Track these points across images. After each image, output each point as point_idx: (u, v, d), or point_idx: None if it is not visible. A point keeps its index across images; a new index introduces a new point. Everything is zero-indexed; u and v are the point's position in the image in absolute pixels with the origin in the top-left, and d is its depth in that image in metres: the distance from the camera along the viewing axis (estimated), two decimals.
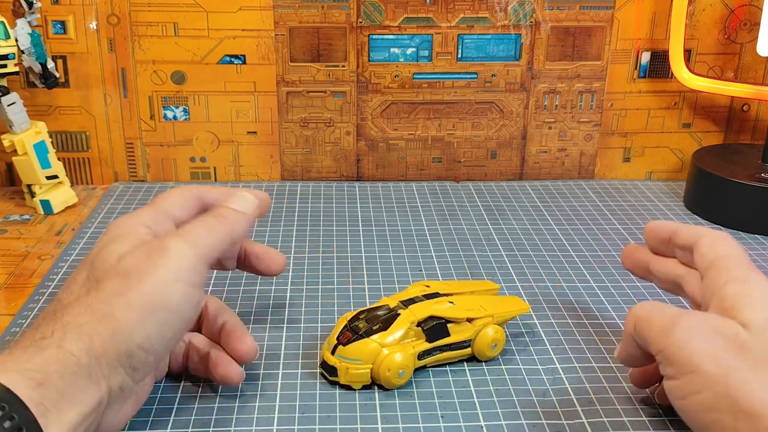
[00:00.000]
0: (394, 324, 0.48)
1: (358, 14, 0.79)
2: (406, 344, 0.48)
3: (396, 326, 0.48)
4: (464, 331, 0.50)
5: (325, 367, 0.49)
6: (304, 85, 0.81)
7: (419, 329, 0.49)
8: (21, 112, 0.73)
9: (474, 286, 0.56)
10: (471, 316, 0.50)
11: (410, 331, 0.48)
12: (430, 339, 0.49)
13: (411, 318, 0.49)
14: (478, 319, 0.50)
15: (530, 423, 0.45)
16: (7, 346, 0.40)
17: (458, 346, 0.50)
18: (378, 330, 0.48)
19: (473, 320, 0.50)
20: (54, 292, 0.59)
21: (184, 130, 0.82)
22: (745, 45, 0.83)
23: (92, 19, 0.77)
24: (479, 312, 0.51)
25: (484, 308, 0.51)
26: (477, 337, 0.50)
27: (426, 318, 0.49)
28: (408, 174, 0.86)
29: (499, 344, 0.51)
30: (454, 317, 0.50)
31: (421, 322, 0.49)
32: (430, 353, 0.49)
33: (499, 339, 0.51)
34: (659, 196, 0.82)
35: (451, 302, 0.51)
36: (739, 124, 0.86)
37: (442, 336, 0.49)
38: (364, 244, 0.69)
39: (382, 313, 0.50)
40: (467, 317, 0.50)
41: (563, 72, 0.82)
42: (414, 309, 0.49)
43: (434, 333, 0.49)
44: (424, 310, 0.49)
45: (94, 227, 0.71)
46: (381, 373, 0.47)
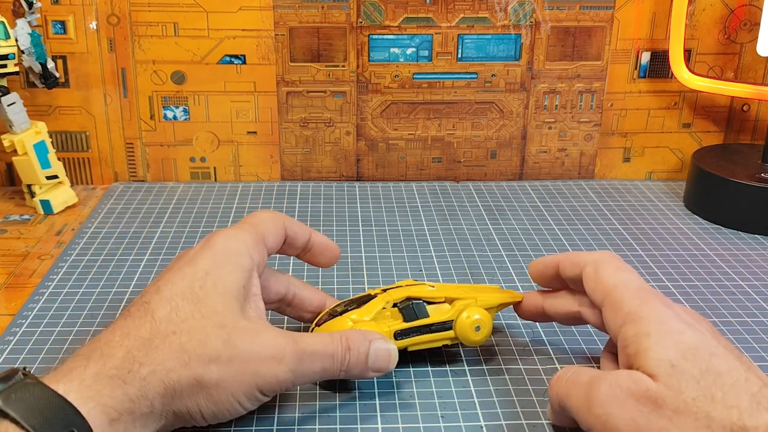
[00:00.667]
0: (368, 303, 0.48)
1: (358, 14, 0.79)
2: (381, 323, 0.48)
3: (370, 306, 0.48)
4: (444, 312, 0.49)
5: None
6: (304, 85, 0.81)
7: (396, 310, 0.48)
8: (21, 112, 0.73)
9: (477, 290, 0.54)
10: (452, 296, 0.49)
11: (386, 312, 0.48)
12: (406, 318, 0.48)
13: (386, 298, 0.48)
14: (459, 300, 0.49)
15: (530, 423, 0.45)
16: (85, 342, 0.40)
17: (439, 327, 0.49)
18: (352, 309, 0.48)
19: (453, 301, 0.49)
20: (54, 292, 0.59)
21: (184, 130, 0.82)
22: (745, 45, 0.83)
23: (92, 19, 0.77)
24: (461, 293, 0.49)
25: (467, 292, 0.50)
26: (458, 318, 0.48)
27: (403, 299, 0.49)
28: (408, 174, 0.86)
29: (484, 327, 0.49)
30: (432, 297, 0.49)
31: (397, 303, 0.49)
32: (408, 334, 0.48)
33: (483, 322, 0.48)
34: (659, 196, 0.82)
35: (432, 287, 0.50)
36: (739, 124, 0.86)
37: (419, 316, 0.48)
38: (364, 244, 0.69)
39: (360, 298, 0.50)
40: (446, 297, 0.49)
41: (563, 72, 0.82)
42: (391, 292, 0.49)
43: (411, 313, 0.48)
44: (401, 292, 0.49)
45: (94, 227, 0.71)
46: None
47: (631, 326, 0.40)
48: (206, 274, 0.41)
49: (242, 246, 0.44)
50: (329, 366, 0.43)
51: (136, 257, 0.66)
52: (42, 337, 0.53)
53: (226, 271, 0.42)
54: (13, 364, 0.50)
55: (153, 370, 0.38)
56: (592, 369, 0.42)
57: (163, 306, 0.40)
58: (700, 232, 0.73)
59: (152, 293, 0.41)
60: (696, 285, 0.62)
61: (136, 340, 0.38)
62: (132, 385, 0.37)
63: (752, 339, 0.55)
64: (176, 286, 0.41)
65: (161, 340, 0.38)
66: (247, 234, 0.45)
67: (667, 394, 0.36)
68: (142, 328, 0.39)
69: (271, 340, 0.41)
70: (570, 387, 0.41)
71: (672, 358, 0.37)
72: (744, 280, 0.63)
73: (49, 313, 0.56)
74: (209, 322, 0.40)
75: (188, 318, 0.40)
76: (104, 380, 0.36)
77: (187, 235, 0.70)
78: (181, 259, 0.44)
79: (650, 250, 0.69)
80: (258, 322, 0.42)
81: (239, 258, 0.43)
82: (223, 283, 0.41)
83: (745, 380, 0.36)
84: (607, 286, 0.43)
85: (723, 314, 0.58)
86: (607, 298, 0.43)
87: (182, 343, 0.39)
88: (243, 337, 0.40)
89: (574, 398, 0.40)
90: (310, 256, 0.51)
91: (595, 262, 0.45)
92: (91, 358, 0.38)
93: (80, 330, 0.54)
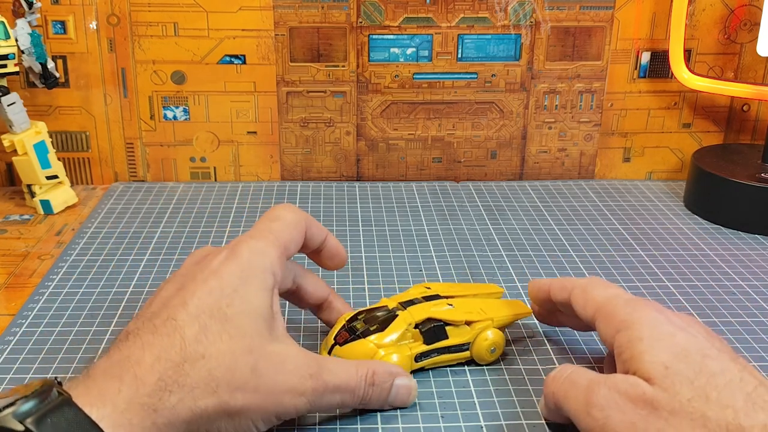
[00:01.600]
0: (391, 325, 0.48)
1: (358, 14, 0.79)
2: (402, 345, 0.48)
3: (393, 327, 0.48)
4: (463, 334, 0.50)
5: None
6: (304, 85, 0.81)
7: (417, 331, 0.49)
8: (21, 112, 0.73)
9: (477, 288, 0.56)
10: (470, 319, 0.50)
11: (407, 332, 0.48)
12: (427, 341, 0.49)
13: (408, 320, 0.48)
14: (477, 323, 0.50)
15: (530, 423, 0.45)
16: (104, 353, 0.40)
17: (456, 349, 0.50)
18: (375, 331, 0.48)
19: (472, 323, 0.50)
20: (54, 292, 0.59)
21: (184, 130, 0.82)
22: (745, 45, 0.83)
23: (92, 19, 0.77)
24: (478, 315, 0.50)
25: (484, 311, 0.51)
26: (476, 341, 0.50)
27: (424, 320, 0.49)
28: (408, 174, 0.86)
29: (499, 348, 0.50)
30: (453, 320, 0.49)
31: (418, 324, 0.49)
32: (428, 355, 0.49)
33: (498, 342, 0.50)
34: (659, 196, 0.82)
35: (450, 305, 0.50)
36: (739, 124, 0.86)
37: (439, 338, 0.49)
38: (364, 244, 0.69)
39: (380, 314, 0.49)
40: (466, 320, 0.50)
41: (563, 72, 0.82)
42: (412, 311, 0.49)
43: (432, 335, 0.49)
44: (422, 312, 0.49)
45: (94, 227, 0.71)
46: None
47: (625, 333, 0.41)
48: (234, 291, 0.41)
49: (267, 262, 0.43)
50: (349, 399, 0.43)
51: (136, 257, 0.66)
52: (42, 337, 0.53)
53: (253, 289, 0.41)
54: (13, 365, 0.50)
55: (182, 398, 0.37)
56: (588, 370, 0.42)
57: (191, 324, 0.39)
58: (700, 232, 0.73)
59: (178, 306, 0.40)
60: (696, 285, 0.62)
61: (167, 362, 0.38)
62: (161, 415, 0.36)
63: (752, 339, 0.55)
64: (203, 302, 0.40)
65: (191, 366, 0.38)
66: (273, 248, 0.44)
67: (662, 396, 0.37)
68: (172, 350, 0.38)
69: (296, 371, 0.41)
70: (567, 388, 0.41)
71: (665, 360, 0.38)
72: (744, 280, 0.63)
73: (49, 313, 0.56)
74: (238, 346, 0.39)
75: (216, 340, 0.39)
76: (136, 408, 0.36)
77: (187, 235, 0.70)
78: (205, 268, 0.43)
79: (650, 250, 0.69)
80: (284, 342, 0.42)
81: (265, 275, 0.42)
82: (251, 302, 0.41)
83: (740, 380, 0.37)
84: (597, 301, 0.44)
85: (723, 314, 0.58)
86: (598, 312, 0.44)
87: (211, 370, 0.38)
88: (269, 365, 0.40)
89: (572, 400, 0.41)
90: (318, 258, 0.51)
91: (583, 284, 0.46)
92: (124, 380, 0.37)
93: (80, 330, 0.54)
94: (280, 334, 0.43)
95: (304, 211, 0.48)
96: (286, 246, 0.45)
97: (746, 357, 0.52)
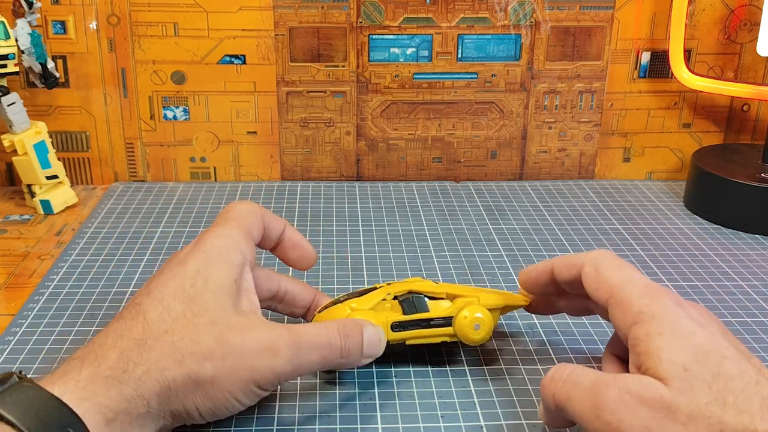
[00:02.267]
0: (369, 294, 0.49)
1: (358, 14, 0.79)
2: (379, 312, 0.48)
3: (371, 296, 0.49)
4: (445, 309, 0.49)
5: None
6: (304, 85, 0.81)
7: (396, 302, 0.49)
8: (21, 112, 0.73)
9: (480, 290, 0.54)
10: (454, 293, 0.49)
11: (386, 303, 0.49)
12: (405, 311, 0.48)
13: (388, 290, 0.49)
14: (461, 297, 0.49)
15: (530, 423, 0.45)
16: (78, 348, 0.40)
17: (438, 323, 0.48)
18: (353, 298, 0.49)
19: (455, 298, 0.49)
20: (54, 292, 0.59)
21: (184, 130, 0.82)
22: (745, 45, 0.83)
23: (92, 19, 0.77)
24: (464, 292, 0.49)
25: (471, 291, 0.50)
26: (458, 316, 0.48)
27: (405, 292, 0.49)
28: (408, 174, 0.86)
29: (483, 326, 0.48)
30: (434, 292, 0.49)
31: (398, 296, 0.49)
32: (405, 327, 0.48)
33: (483, 321, 0.48)
34: (659, 196, 0.82)
35: (436, 282, 0.51)
36: (739, 124, 0.86)
37: (419, 310, 0.48)
38: (364, 244, 0.69)
39: (363, 289, 0.50)
40: (447, 292, 0.49)
41: (563, 72, 0.82)
42: (394, 285, 0.50)
43: (411, 305, 0.48)
44: (403, 285, 0.49)
45: (94, 227, 0.71)
46: None
47: (643, 326, 0.39)
48: (197, 272, 0.42)
49: (231, 242, 0.44)
50: (328, 354, 0.43)
51: (136, 257, 0.66)
52: (42, 337, 0.53)
53: (216, 267, 0.42)
54: (13, 364, 0.50)
55: (147, 369, 0.38)
56: (590, 369, 0.40)
57: (155, 307, 0.40)
58: (700, 232, 0.73)
59: (143, 295, 0.41)
60: (696, 285, 0.62)
61: (129, 340, 0.39)
62: (127, 385, 0.37)
63: (752, 339, 0.55)
64: (167, 287, 0.41)
65: (154, 340, 0.39)
66: (235, 230, 0.45)
67: (680, 399, 0.36)
68: (134, 329, 0.39)
69: (264, 334, 0.41)
70: (570, 389, 0.40)
71: (685, 361, 0.37)
72: (744, 280, 0.63)
73: (49, 313, 0.56)
74: (201, 320, 0.40)
75: (180, 317, 0.40)
76: (99, 381, 0.37)
77: (187, 235, 0.70)
78: (172, 261, 0.44)
79: (650, 250, 0.69)
80: (251, 317, 0.42)
81: (229, 254, 0.43)
82: (214, 280, 0.41)
83: (756, 383, 0.36)
84: (611, 284, 0.42)
85: (723, 314, 0.58)
86: (613, 296, 0.42)
87: (174, 342, 0.39)
88: (235, 333, 0.40)
89: (576, 402, 0.39)
90: (281, 251, 0.51)
91: (594, 261, 0.44)
92: (86, 360, 0.38)
93: (80, 330, 0.54)
94: (246, 309, 0.43)
95: (258, 204, 0.49)
96: (248, 230, 0.46)
97: None
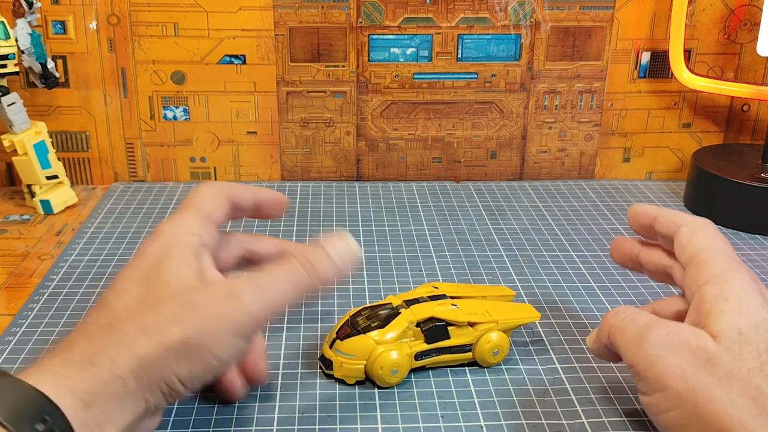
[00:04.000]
0: (392, 322, 0.48)
1: (358, 14, 0.79)
2: (402, 343, 0.48)
3: (394, 325, 0.48)
4: (465, 335, 0.50)
5: (322, 360, 0.49)
6: (304, 85, 0.81)
7: (418, 330, 0.49)
8: (21, 112, 0.73)
9: (487, 290, 0.55)
10: (473, 320, 0.50)
11: (409, 330, 0.48)
12: (428, 340, 0.49)
13: (410, 318, 0.48)
14: (481, 324, 0.50)
15: (530, 423, 0.45)
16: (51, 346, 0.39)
17: (458, 350, 0.50)
18: (376, 327, 0.48)
19: (475, 325, 0.50)
20: (54, 292, 0.59)
21: (184, 130, 0.82)
22: (745, 45, 0.83)
23: (92, 19, 0.77)
24: (482, 317, 0.50)
25: (489, 314, 0.50)
26: (478, 342, 0.50)
27: (426, 319, 0.49)
28: (408, 174, 0.86)
29: (502, 351, 0.50)
30: (455, 320, 0.49)
31: (420, 323, 0.49)
32: (428, 355, 0.49)
33: (501, 345, 0.50)
34: (659, 196, 0.82)
35: (455, 305, 0.50)
36: (739, 124, 0.86)
37: (441, 338, 0.49)
38: (364, 244, 0.69)
39: (383, 312, 0.49)
40: (468, 321, 0.50)
41: (563, 72, 0.82)
42: (415, 309, 0.49)
43: (433, 334, 0.49)
44: (425, 310, 0.49)
45: (94, 227, 0.71)
46: (374, 369, 0.47)
47: (714, 286, 0.41)
48: (156, 260, 0.42)
49: (188, 228, 0.44)
50: (293, 278, 0.42)
51: None
52: (42, 337, 0.53)
53: (174, 251, 0.42)
54: (13, 365, 0.50)
55: (118, 348, 0.37)
56: (652, 315, 0.42)
57: (117, 296, 0.40)
58: None
59: (108, 290, 0.42)
60: None
61: (95, 326, 0.39)
62: (101, 366, 0.37)
63: None
64: (128, 276, 0.41)
65: (120, 322, 0.39)
66: (192, 216, 0.44)
67: (724, 357, 0.37)
68: (100, 318, 0.39)
69: (223, 284, 0.41)
70: (627, 323, 0.42)
71: (742, 327, 0.38)
72: None
73: (49, 313, 0.56)
74: (162, 294, 0.40)
75: (143, 298, 0.40)
76: (72, 365, 0.36)
77: None
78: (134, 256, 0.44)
79: None
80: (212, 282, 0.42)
81: (186, 237, 0.43)
82: (173, 262, 0.41)
83: None
84: (699, 247, 0.43)
85: None
86: (695, 257, 0.43)
87: (140, 318, 0.39)
88: (196, 293, 0.40)
89: (627, 333, 0.41)
90: (260, 214, 0.50)
91: (693, 224, 0.45)
92: (56, 351, 0.38)
93: None
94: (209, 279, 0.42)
95: (226, 182, 0.48)
96: (207, 213, 0.45)
97: None
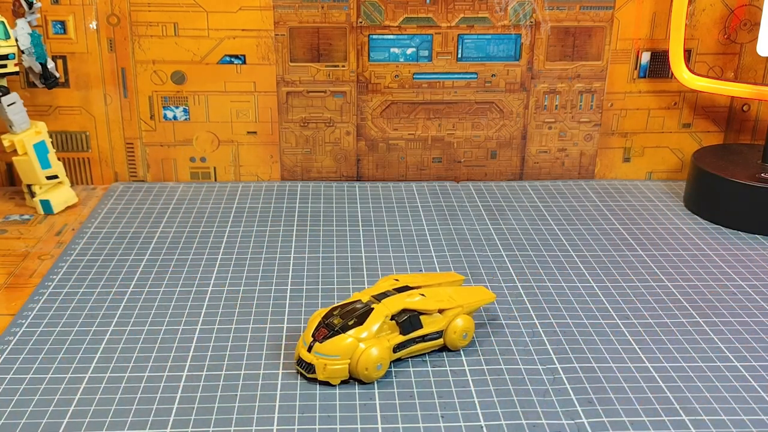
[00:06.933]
0: (369, 319, 0.49)
1: (358, 14, 0.79)
2: (381, 338, 0.49)
3: (371, 321, 0.49)
4: (436, 323, 0.51)
5: (301, 365, 0.49)
6: (304, 85, 0.81)
7: (393, 322, 0.50)
8: (21, 112, 0.73)
9: (440, 278, 0.57)
10: (442, 307, 0.52)
11: (385, 324, 0.50)
12: (404, 331, 0.50)
13: (385, 312, 0.50)
14: (449, 310, 0.52)
15: (530, 423, 0.45)
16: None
17: (431, 338, 0.51)
18: (353, 325, 0.49)
19: (444, 311, 0.52)
20: (54, 292, 0.59)
21: (184, 130, 0.82)
22: (745, 45, 0.83)
23: (92, 19, 0.77)
24: (449, 303, 0.52)
25: (454, 299, 0.53)
26: (448, 329, 0.52)
27: (400, 311, 0.50)
28: (408, 174, 0.86)
29: (470, 333, 0.53)
30: (427, 309, 0.51)
31: (395, 316, 0.50)
32: (405, 345, 0.50)
33: (469, 328, 0.52)
34: (659, 196, 0.82)
35: (422, 294, 0.52)
36: (739, 124, 0.86)
37: (415, 328, 0.51)
38: (364, 244, 0.69)
39: (356, 309, 0.51)
40: (439, 308, 0.52)
41: (563, 72, 0.82)
42: (387, 303, 0.51)
43: (408, 325, 0.50)
44: (397, 303, 0.51)
45: (94, 227, 0.71)
46: (359, 368, 0.48)
47: None
48: None
49: None
50: None
51: (136, 257, 0.66)
52: (42, 337, 0.53)
53: None
54: (13, 365, 0.50)
55: None
56: None
57: None
58: (700, 232, 0.73)
59: None
60: (696, 285, 0.62)
61: None
62: None
63: (752, 339, 0.55)
64: None
65: None
66: None
67: None
68: None
69: None
70: None
71: None
72: (744, 280, 0.63)
73: (49, 313, 0.56)
74: None
75: None
76: None
77: (187, 235, 0.70)
78: None
79: (650, 250, 0.69)
80: None
81: None
82: None
83: None
84: None
85: (723, 314, 0.58)
86: None
87: None
88: None
89: None
90: None
91: None
92: None
93: (80, 330, 0.54)
94: None
95: None
96: None
97: (746, 357, 0.52)
